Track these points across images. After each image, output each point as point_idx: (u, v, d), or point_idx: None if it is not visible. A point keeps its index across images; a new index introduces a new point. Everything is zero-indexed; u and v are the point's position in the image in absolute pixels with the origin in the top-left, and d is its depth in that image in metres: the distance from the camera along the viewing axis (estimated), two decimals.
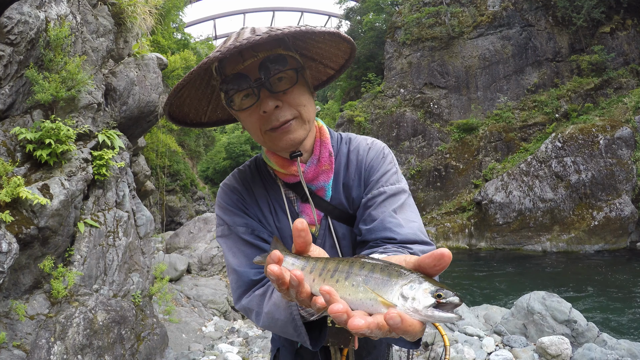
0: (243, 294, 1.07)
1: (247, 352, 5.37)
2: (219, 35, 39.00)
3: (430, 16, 20.78)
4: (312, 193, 1.13)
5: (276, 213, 1.16)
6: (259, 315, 1.03)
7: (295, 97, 1.01)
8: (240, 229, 1.12)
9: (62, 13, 4.22)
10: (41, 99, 3.80)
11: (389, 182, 1.11)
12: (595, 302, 8.73)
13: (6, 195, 3.23)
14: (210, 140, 31.39)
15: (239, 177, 1.20)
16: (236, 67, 0.98)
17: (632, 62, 17.13)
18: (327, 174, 1.13)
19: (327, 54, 1.19)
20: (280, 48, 1.01)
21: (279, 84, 0.99)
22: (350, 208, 1.15)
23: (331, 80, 1.29)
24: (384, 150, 1.19)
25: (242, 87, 0.97)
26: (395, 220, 1.01)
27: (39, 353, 3.30)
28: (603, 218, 14.34)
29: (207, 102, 1.19)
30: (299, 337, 0.95)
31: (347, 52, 1.17)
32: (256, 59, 0.97)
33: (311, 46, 1.15)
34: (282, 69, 0.98)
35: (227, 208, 1.15)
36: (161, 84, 6.23)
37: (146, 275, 4.77)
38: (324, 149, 1.14)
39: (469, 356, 4.53)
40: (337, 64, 1.23)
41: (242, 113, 1.03)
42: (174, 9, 18.17)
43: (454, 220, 17.14)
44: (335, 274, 0.63)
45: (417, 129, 19.99)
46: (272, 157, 1.13)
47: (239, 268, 1.08)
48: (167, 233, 13.85)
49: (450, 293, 0.53)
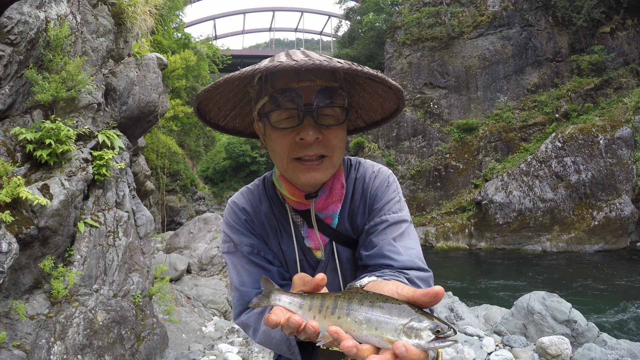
0: (243, 312, 1.12)
1: (247, 352, 5.38)
2: (219, 35, 39.02)
3: (430, 16, 20.77)
4: (319, 221, 1.14)
5: (282, 235, 1.18)
6: (256, 331, 1.08)
7: (335, 137, 1.01)
8: (246, 248, 1.14)
9: (62, 13, 4.22)
10: (41, 99, 3.80)
11: (391, 210, 1.13)
12: (595, 302, 8.73)
13: (6, 195, 3.23)
14: (210, 140, 31.41)
15: (247, 197, 1.21)
16: (289, 83, 0.96)
17: (632, 62, 17.13)
18: (336, 204, 1.14)
19: (366, 105, 1.19)
20: (337, 83, 1.00)
21: (325, 117, 0.98)
22: (354, 234, 1.17)
23: (356, 132, 1.29)
24: (389, 179, 1.20)
25: (291, 105, 0.95)
26: (394, 248, 1.04)
27: (39, 353, 3.30)
28: (603, 218, 14.34)
29: (232, 107, 1.17)
30: (292, 356, 1.02)
31: (389, 112, 1.17)
32: (313, 84, 0.96)
33: (356, 92, 1.15)
34: (336, 105, 0.98)
35: (234, 227, 1.17)
36: (161, 84, 6.23)
37: (146, 275, 4.77)
38: (337, 181, 1.14)
39: (469, 356, 4.53)
40: (371, 118, 1.24)
41: (275, 131, 1.00)
42: (174, 9, 18.17)
43: (454, 220, 17.14)
44: (336, 311, 0.67)
45: (417, 129, 19.98)
46: (284, 184, 1.12)
47: (241, 287, 1.12)
48: (167, 233, 13.85)
49: (446, 327, 0.60)
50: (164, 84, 10.27)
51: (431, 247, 16.44)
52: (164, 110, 8.56)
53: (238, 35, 43.03)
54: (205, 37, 26.30)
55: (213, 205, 29.64)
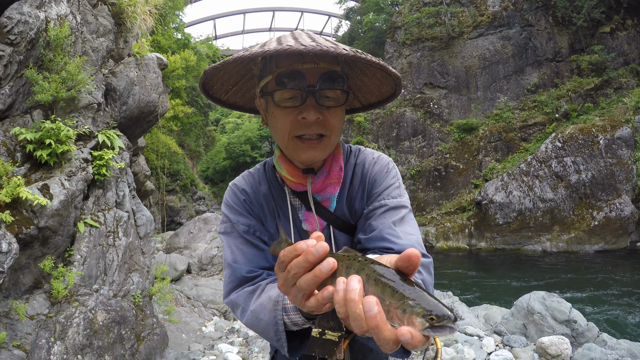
0: (233, 289, 1.10)
1: (247, 352, 5.37)
2: (219, 35, 39.00)
3: (430, 16, 20.77)
4: (317, 203, 1.15)
5: (279, 218, 1.19)
6: (244, 311, 1.05)
7: (335, 118, 1.04)
8: (242, 227, 1.15)
9: (62, 13, 4.22)
10: (41, 99, 3.80)
11: (390, 195, 1.13)
12: (595, 302, 8.72)
13: (6, 196, 3.23)
14: (210, 140, 31.41)
15: (248, 179, 1.23)
16: (294, 65, 0.99)
17: (632, 62, 17.12)
18: (334, 186, 1.15)
19: (364, 88, 1.22)
20: (339, 66, 1.03)
21: (326, 99, 1.02)
22: (352, 219, 1.18)
23: (352, 112, 1.33)
24: (389, 165, 1.21)
25: (295, 86, 0.98)
26: (393, 232, 1.04)
27: (39, 353, 3.30)
28: (603, 218, 14.33)
29: (234, 82, 1.20)
30: (278, 343, 0.96)
31: (385, 95, 1.21)
32: (317, 66, 0.99)
33: (355, 75, 1.18)
34: (337, 87, 1.01)
35: (233, 207, 1.18)
36: (161, 84, 6.23)
37: (146, 275, 4.77)
38: (335, 163, 1.16)
39: (469, 356, 4.53)
40: (367, 100, 1.27)
41: (278, 109, 1.03)
42: (174, 9, 18.17)
43: (454, 220, 17.14)
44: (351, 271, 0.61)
45: (417, 129, 19.98)
46: (284, 165, 1.14)
47: (234, 264, 1.10)
48: (167, 233, 13.85)
49: (444, 315, 0.52)
50: (164, 84, 10.26)
51: (431, 247, 16.44)
52: (164, 110, 8.56)
53: (238, 35, 43.01)
54: (205, 37, 26.33)
55: (213, 205, 29.60)
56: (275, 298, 0.97)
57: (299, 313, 0.92)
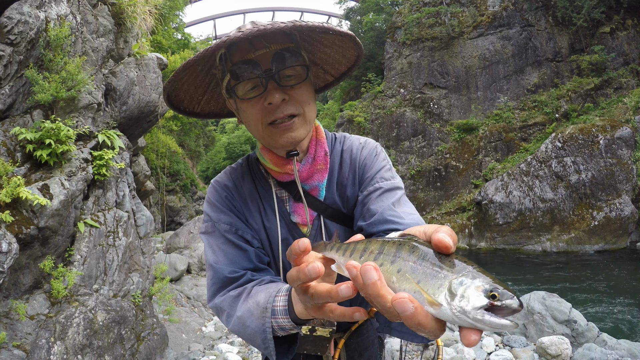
0: (217, 292, 1.05)
1: (247, 352, 5.37)
2: (219, 36, 38.98)
3: (430, 16, 20.76)
4: (305, 193, 1.12)
5: (265, 212, 1.15)
6: (230, 317, 1.00)
7: (301, 94, 1.02)
8: (224, 226, 1.11)
9: (62, 13, 4.22)
10: (41, 99, 3.80)
11: (384, 177, 1.12)
12: (595, 302, 8.72)
13: (6, 196, 3.23)
14: (210, 140, 31.39)
15: (230, 175, 1.20)
16: (246, 55, 0.97)
17: (632, 62, 17.12)
18: (321, 173, 1.12)
19: (330, 59, 1.19)
20: (292, 43, 1.01)
21: (287, 78, 1.00)
22: (344, 207, 1.15)
23: (328, 87, 1.29)
24: (377, 148, 1.20)
25: (252, 75, 0.97)
26: (395, 213, 1.01)
27: (39, 353, 3.30)
28: (603, 218, 14.33)
29: (202, 92, 1.18)
30: (266, 350, 0.93)
31: (352, 60, 1.17)
32: (268, 50, 0.97)
33: (316, 49, 1.15)
34: (294, 64, 0.99)
35: (214, 205, 1.14)
36: (161, 84, 6.23)
37: (146, 275, 4.76)
38: (320, 148, 1.14)
39: (469, 356, 4.53)
40: (338, 71, 1.23)
41: (244, 103, 1.02)
42: (174, 9, 18.16)
43: (454, 220, 17.13)
44: (380, 257, 0.54)
45: (417, 129, 19.98)
46: (267, 155, 1.12)
47: (215, 264, 1.06)
48: (167, 233, 13.85)
49: (508, 294, 0.43)
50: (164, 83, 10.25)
51: None
52: (164, 110, 8.55)
53: None
54: (205, 37, 26.31)
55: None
56: (263, 304, 0.92)
57: (288, 317, 0.88)
